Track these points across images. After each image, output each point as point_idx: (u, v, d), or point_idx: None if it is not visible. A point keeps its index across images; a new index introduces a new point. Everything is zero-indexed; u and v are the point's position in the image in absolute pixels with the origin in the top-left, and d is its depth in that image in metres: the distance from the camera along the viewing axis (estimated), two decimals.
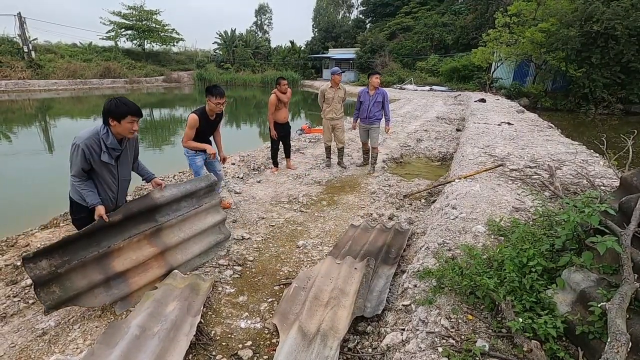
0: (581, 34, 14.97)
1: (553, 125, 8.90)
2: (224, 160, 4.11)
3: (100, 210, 2.42)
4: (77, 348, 2.20)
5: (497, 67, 20.82)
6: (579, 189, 3.68)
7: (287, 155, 6.11)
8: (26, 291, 2.69)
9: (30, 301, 2.61)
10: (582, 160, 5.02)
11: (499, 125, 8.43)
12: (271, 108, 5.45)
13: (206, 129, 3.74)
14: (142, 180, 2.93)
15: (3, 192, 5.95)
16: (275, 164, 5.99)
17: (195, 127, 3.61)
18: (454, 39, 28.25)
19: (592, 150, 5.77)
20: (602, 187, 3.65)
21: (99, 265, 2.43)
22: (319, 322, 2.30)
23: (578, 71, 15.49)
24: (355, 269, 2.90)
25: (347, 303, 2.49)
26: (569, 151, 5.60)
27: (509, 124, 8.59)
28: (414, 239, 3.54)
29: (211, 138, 4.00)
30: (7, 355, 2.11)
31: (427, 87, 23.67)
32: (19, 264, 3.02)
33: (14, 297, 2.62)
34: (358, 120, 5.94)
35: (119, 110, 2.27)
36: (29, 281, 2.77)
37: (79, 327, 2.35)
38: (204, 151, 3.78)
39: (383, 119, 5.84)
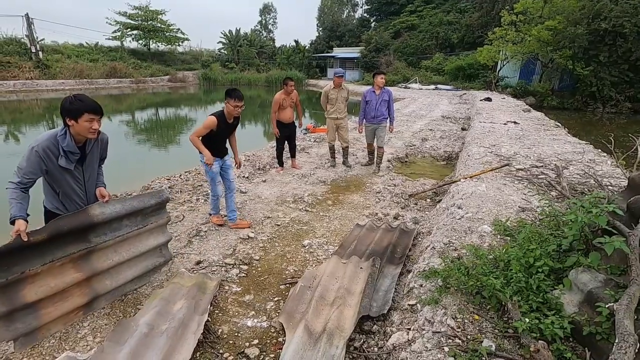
0: (589, 32, 14.82)
1: (560, 125, 8.82)
2: (239, 165, 4.03)
3: (20, 224, 1.94)
4: (87, 345, 2.23)
5: (503, 65, 20.67)
6: (586, 189, 3.65)
7: (293, 155, 6.14)
8: None
9: None
10: (590, 159, 4.98)
11: (504, 124, 8.38)
12: (274, 106, 5.50)
13: (224, 132, 3.62)
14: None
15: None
16: (281, 163, 6.02)
17: (210, 128, 3.45)
18: (459, 37, 28.09)
19: (599, 150, 5.72)
20: (610, 187, 3.62)
21: (3, 295, 1.94)
22: (325, 321, 2.32)
23: (585, 69, 15.33)
24: (361, 268, 2.91)
25: (353, 302, 2.50)
26: (576, 150, 5.56)
27: (515, 123, 8.54)
28: (420, 239, 3.54)
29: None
30: (19, 352, 2.15)
31: (432, 86, 23.57)
32: None
33: None
34: (364, 122, 5.91)
35: (74, 107, 2.01)
36: None
37: (88, 325, 2.38)
38: (220, 157, 3.65)
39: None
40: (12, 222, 1.96)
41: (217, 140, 3.59)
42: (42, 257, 2.07)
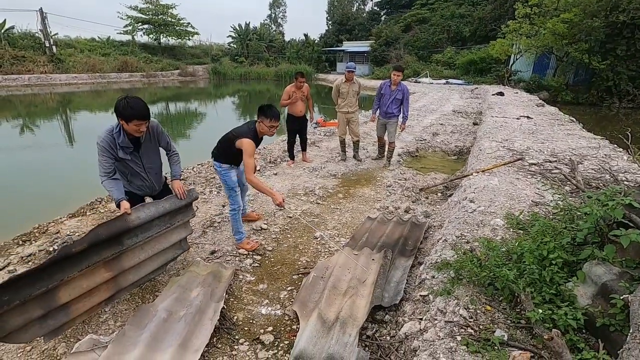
0: (606, 25, 14.43)
1: (574, 119, 8.67)
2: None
3: (123, 204, 2.37)
4: (108, 329, 2.32)
5: (516, 59, 20.26)
6: (601, 184, 3.61)
7: (304, 149, 6.18)
8: None
9: None
10: (605, 154, 4.91)
11: (517, 119, 8.27)
12: (284, 95, 5.58)
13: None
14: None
15: (32, 183, 6.20)
16: (292, 157, 6.06)
17: (254, 154, 3.06)
18: (471, 30, 27.60)
19: (615, 145, 5.62)
20: (626, 182, 3.58)
21: (42, 300, 2.02)
22: (338, 310, 2.37)
23: (602, 63, 14.95)
24: (373, 259, 2.94)
25: (365, 292, 2.54)
26: (591, 146, 5.47)
27: (528, 117, 8.42)
28: (431, 232, 3.56)
29: None
30: (45, 343, 2.24)
31: (443, 81, 23.26)
32: (51, 249, 3.18)
33: None
34: (377, 113, 5.90)
35: (125, 112, 2.26)
36: None
37: (109, 310, 2.47)
38: (237, 165, 3.29)
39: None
40: (118, 205, 2.40)
41: (239, 159, 3.18)
42: (80, 264, 2.17)
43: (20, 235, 3.51)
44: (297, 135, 5.93)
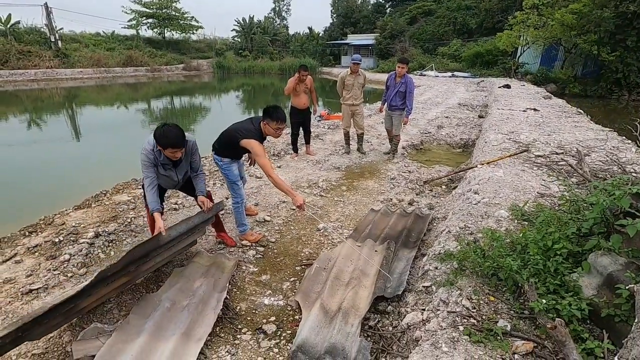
0: (616, 15, 14.12)
1: (582, 112, 8.54)
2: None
3: (159, 221, 2.51)
4: (113, 318, 2.35)
5: (523, 51, 19.96)
6: (608, 175, 3.56)
7: (307, 142, 6.16)
8: (64, 265, 2.87)
9: (69, 274, 2.78)
10: (613, 146, 4.83)
11: (524, 111, 8.16)
12: (289, 84, 5.56)
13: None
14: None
15: (38, 175, 6.27)
16: (295, 149, 6.05)
17: (265, 153, 3.04)
18: (477, 22, 27.19)
19: (623, 137, 5.53)
20: (634, 174, 3.52)
21: (67, 313, 2.07)
22: (340, 301, 2.37)
23: (611, 55, 14.66)
24: (376, 251, 2.94)
25: (367, 283, 2.54)
26: (599, 138, 5.39)
27: (534, 110, 8.30)
28: (435, 224, 3.54)
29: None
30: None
31: (449, 74, 23.00)
32: (57, 240, 3.21)
33: (54, 270, 2.81)
34: (385, 105, 5.86)
35: (161, 141, 2.42)
36: (67, 256, 2.95)
37: (114, 299, 2.50)
38: (239, 159, 3.29)
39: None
40: (152, 214, 2.56)
41: (239, 155, 3.25)
42: (108, 280, 2.22)
43: (26, 227, 3.55)
44: (301, 128, 5.91)
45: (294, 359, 1.98)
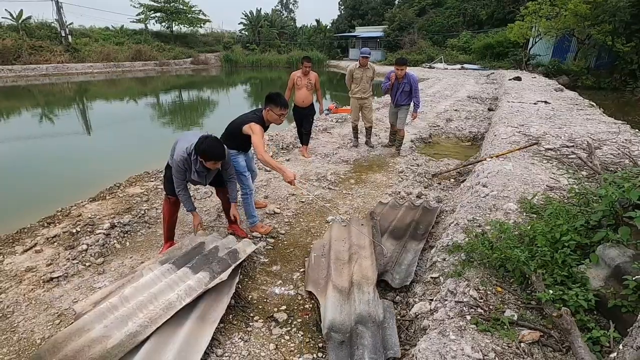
0: (631, 4, 13.73)
1: (594, 104, 8.39)
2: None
3: (196, 215, 2.91)
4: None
5: (535, 43, 19.55)
6: (619, 168, 3.53)
7: (303, 142, 5.80)
8: (82, 255, 2.98)
9: (87, 264, 2.89)
10: (625, 139, 4.77)
11: (534, 104, 8.06)
12: (289, 83, 5.43)
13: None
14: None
15: (52, 169, 6.43)
16: (302, 142, 5.87)
17: (263, 136, 3.12)
18: (488, 13, 26.68)
19: (637, 130, 5.44)
20: None
21: None
22: (349, 277, 2.50)
23: (626, 46, 14.30)
24: (362, 224, 3.16)
25: (367, 254, 2.72)
26: (611, 130, 5.31)
27: (545, 102, 8.19)
28: (443, 217, 3.56)
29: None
30: (71, 309, 2.37)
31: (458, 66, 22.71)
32: (74, 231, 3.32)
33: (73, 259, 2.91)
34: (388, 101, 5.84)
35: (205, 155, 2.59)
36: (85, 246, 3.06)
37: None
38: (245, 151, 3.38)
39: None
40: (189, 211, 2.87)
41: (246, 145, 3.31)
42: None
43: (45, 218, 3.67)
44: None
45: (329, 340, 2.06)
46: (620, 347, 1.36)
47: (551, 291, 1.78)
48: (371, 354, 1.90)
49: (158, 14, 34.16)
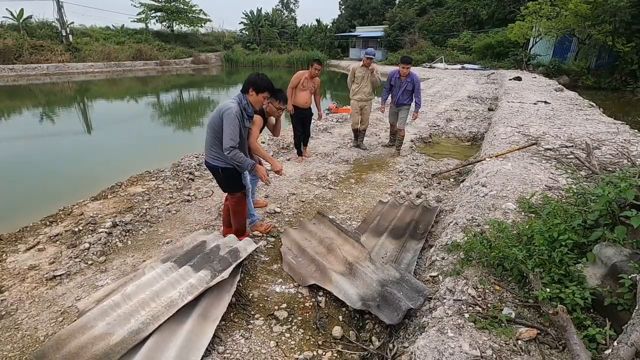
0: (632, 4, 13.74)
1: (594, 104, 8.41)
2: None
3: (259, 167, 2.84)
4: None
5: (536, 43, 19.57)
6: (618, 168, 3.55)
7: (304, 143, 5.71)
8: (85, 253, 3.00)
9: (89, 262, 2.91)
10: (624, 140, 4.79)
11: (534, 104, 8.08)
12: (294, 80, 5.18)
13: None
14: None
15: (53, 167, 6.46)
16: (300, 152, 5.67)
17: (260, 126, 3.30)
18: (489, 13, 26.67)
19: (636, 130, 5.47)
20: None
21: None
22: (343, 260, 2.65)
23: (626, 46, 14.32)
24: (314, 223, 3.34)
25: (341, 242, 2.94)
26: (610, 131, 5.34)
27: (545, 102, 8.21)
28: (442, 216, 3.58)
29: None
30: (74, 307, 2.40)
31: (459, 66, 22.71)
32: (76, 229, 3.35)
33: (75, 258, 2.94)
34: (389, 101, 5.85)
35: (262, 84, 2.71)
36: (87, 244, 3.08)
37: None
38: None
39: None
40: (251, 170, 2.80)
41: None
42: None
43: (47, 217, 3.70)
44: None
45: (368, 308, 2.22)
46: (615, 343, 1.38)
47: (548, 289, 1.80)
48: (409, 300, 2.17)
49: (159, 14, 34.21)
